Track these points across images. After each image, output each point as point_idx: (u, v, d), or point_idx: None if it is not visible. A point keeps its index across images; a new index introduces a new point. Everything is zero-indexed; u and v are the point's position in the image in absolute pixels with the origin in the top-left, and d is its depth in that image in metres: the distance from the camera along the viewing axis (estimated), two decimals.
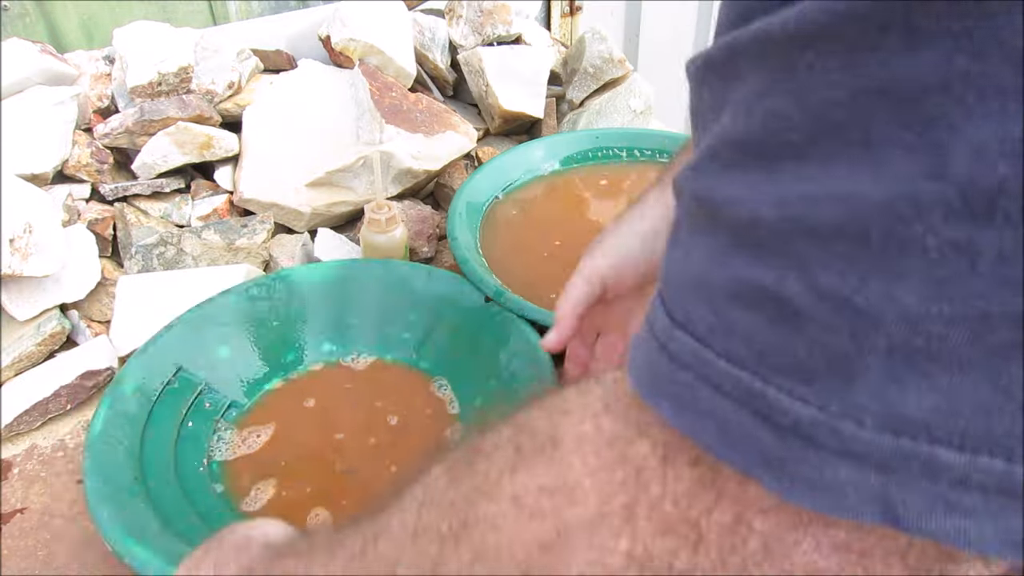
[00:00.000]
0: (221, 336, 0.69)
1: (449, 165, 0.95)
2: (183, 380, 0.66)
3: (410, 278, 0.75)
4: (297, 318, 0.73)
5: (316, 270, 0.76)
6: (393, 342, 0.73)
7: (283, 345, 0.72)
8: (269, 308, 0.72)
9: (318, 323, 0.73)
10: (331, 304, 0.74)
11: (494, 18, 1.08)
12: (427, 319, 0.73)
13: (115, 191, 0.86)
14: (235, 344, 0.70)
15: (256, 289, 0.72)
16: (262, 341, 0.71)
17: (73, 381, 0.71)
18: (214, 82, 0.91)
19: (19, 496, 0.65)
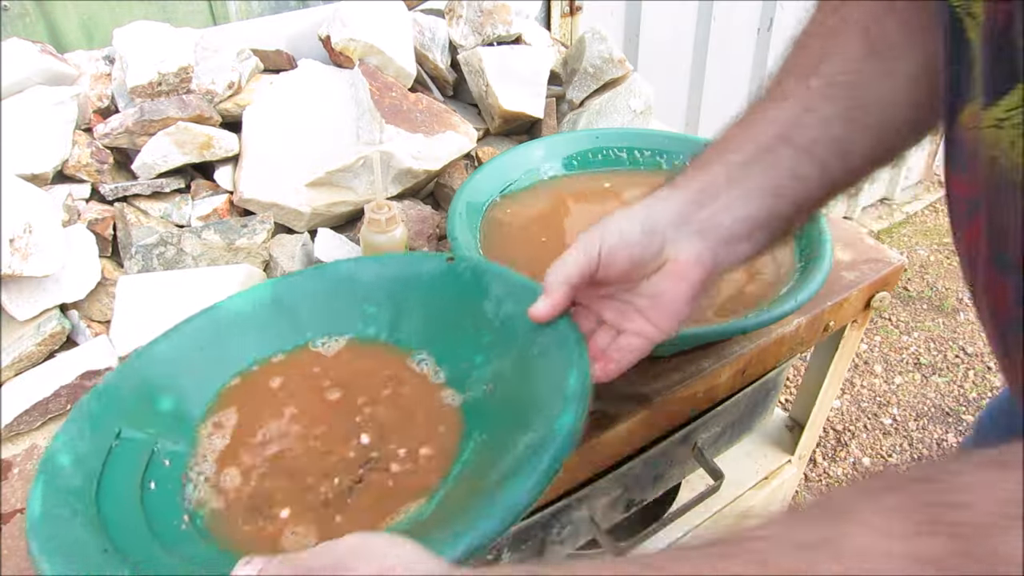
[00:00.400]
0: (160, 387, 0.62)
1: (449, 165, 0.95)
2: (128, 443, 0.58)
3: (355, 272, 0.70)
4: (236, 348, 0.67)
5: (248, 296, 0.69)
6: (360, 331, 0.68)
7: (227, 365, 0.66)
8: (205, 344, 0.66)
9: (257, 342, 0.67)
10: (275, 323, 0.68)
11: (494, 18, 1.08)
12: (390, 303, 0.68)
13: (115, 191, 0.86)
14: (178, 391, 0.63)
15: (187, 328, 0.66)
16: (206, 377, 0.64)
17: (73, 381, 0.71)
18: (214, 82, 0.91)
19: (19, 496, 0.65)
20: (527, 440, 0.49)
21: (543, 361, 0.55)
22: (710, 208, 0.52)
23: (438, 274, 0.67)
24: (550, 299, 0.54)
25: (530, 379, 0.55)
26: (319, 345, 0.68)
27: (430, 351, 0.66)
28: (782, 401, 1.95)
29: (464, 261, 0.66)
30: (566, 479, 0.72)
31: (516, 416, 0.53)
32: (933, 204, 2.88)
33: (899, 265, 0.94)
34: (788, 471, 1.19)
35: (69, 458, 0.55)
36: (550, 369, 0.54)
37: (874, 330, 2.28)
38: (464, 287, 0.65)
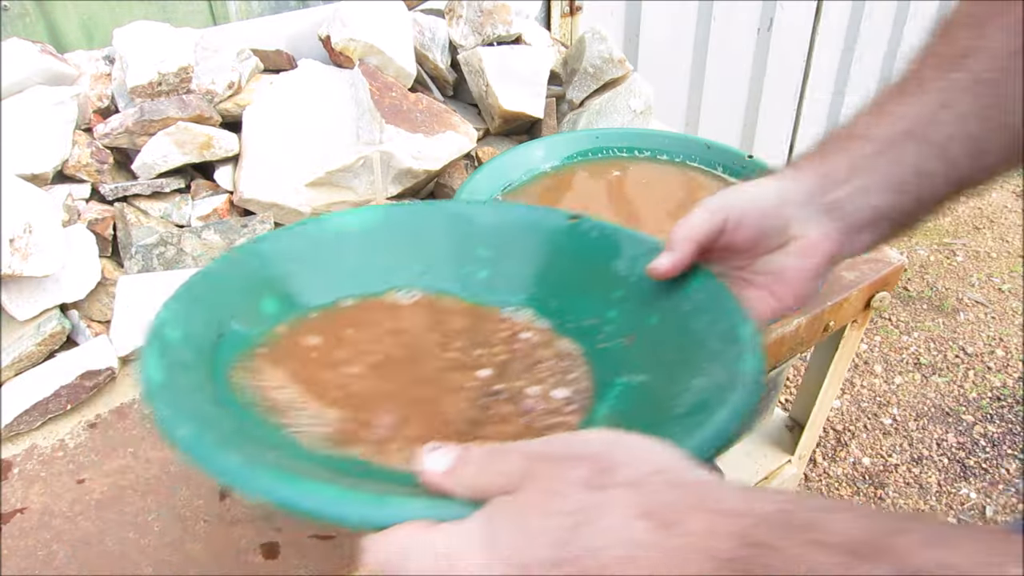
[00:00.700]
0: (266, 288, 0.61)
1: (449, 165, 0.96)
2: (234, 334, 0.56)
3: (472, 214, 0.68)
4: (342, 262, 0.65)
5: (360, 217, 0.67)
6: (457, 280, 0.66)
7: (327, 288, 0.63)
8: (306, 254, 0.64)
9: (365, 266, 0.65)
10: (377, 248, 0.66)
11: (494, 18, 1.08)
12: (503, 250, 0.66)
13: (115, 191, 0.87)
14: (280, 295, 0.61)
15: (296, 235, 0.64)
16: (303, 288, 0.62)
17: (73, 381, 0.71)
18: (214, 82, 0.91)
19: (19, 496, 0.65)
20: (701, 383, 0.48)
21: (701, 316, 0.53)
22: (834, 194, 0.51)
23: (559, 231, 0.65)
24: (675, 255, 0.53)
25: (687, 332, 0.54)
26: (423, 282, 0.66)
27: (543, 304, 0.65)
28: (782, 401, 1.95)
29: (589, 221, 0.65)
30: None
31: (675, 365, 0.52)
32: None
33: (899, 265, 0.94)
34: (788, 471, 1.19)
35: (178, 333, 0.51)
36: (711, 322, 0.52)
37: (874, 330, 2.28)
38: (589, 245, 0.64)
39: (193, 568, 0.60)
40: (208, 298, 0.55)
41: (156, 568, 0.59)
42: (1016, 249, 2.65)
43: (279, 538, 0.62)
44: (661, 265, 0.53)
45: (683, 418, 0.46)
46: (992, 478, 1.85)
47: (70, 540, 0.61)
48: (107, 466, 0.68)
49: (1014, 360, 2.18)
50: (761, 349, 0.48)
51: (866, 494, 1.81)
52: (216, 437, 0.41)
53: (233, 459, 0.39)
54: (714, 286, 0.54)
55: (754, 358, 0.47)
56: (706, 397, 0.46)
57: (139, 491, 0.65)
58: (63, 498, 0.65)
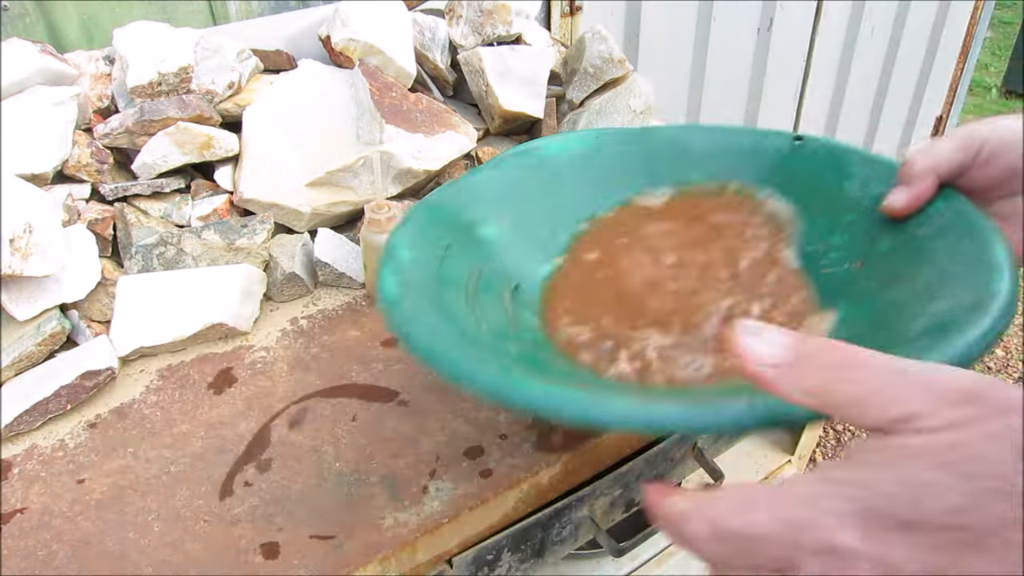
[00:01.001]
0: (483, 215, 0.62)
1: (449, 165, 0.96)
2: (455, 258, 0.58)
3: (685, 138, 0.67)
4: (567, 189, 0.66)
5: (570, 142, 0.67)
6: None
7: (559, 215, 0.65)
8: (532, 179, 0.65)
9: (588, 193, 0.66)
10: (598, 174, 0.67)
11: (494, 18, 1.08)
12: (721, 174, 0.66)
13: (115, 191, 0.87)
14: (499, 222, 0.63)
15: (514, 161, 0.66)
16: (534, 216, 0.64)
17: (73, 381, 0.71)
18: (214, 82, 0.91)
19: (19, 496, 0.65)
20: (940, 307, 0.45)
21: (943, 239, 0.50)
22: None
23: (783, 153, 0.64)
24: (914, 189, 0.49)
25: (924, 256, 0.51)
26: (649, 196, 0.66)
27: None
28: None
29: (816, 140, 0.63)
30: (566, 479, 0.72)
31: (909, 291, 0.50)
32: None
33: None
34: (788, 471, 1.19)
35: (409, 255, 0.55)
36: (954, 245, 0.49)
37: None
38: (816, 167, 0.62)
39: (193, 568, 0.60)
40: (432, 224, 0.59)
41: (156, 568, 0.59)
42: None
43: (279, 538, 0.62)
44: (897, 201, 0.50)
45: (917, 340, 0.43)
46: None
47: (70, 540, 0.61)
48: (107, 466, 0.68)
49: (1014, 360, 2.18)
50: (1016, 271, 0.45)
51: None
52: (447, 339, 0.46)
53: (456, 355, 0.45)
54: (962, 207, 0.50)
55: (1010, 277, 0.44)
56: (948, 320, 0.43)
57: (139, 491, 0.65)
58: (63, 498, 0.65)
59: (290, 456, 0.69)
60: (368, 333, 0.82)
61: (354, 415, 0.73)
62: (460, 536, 0.66)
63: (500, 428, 0.71)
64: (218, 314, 0.78)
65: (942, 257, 0.49)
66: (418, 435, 0.71)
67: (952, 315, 0.43)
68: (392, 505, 0.64)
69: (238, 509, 0.64)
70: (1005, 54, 4.22)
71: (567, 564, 1.03)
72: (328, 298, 0.87)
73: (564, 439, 0.70)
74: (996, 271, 0.44)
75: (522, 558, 0.79)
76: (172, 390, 0.75)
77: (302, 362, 0.78)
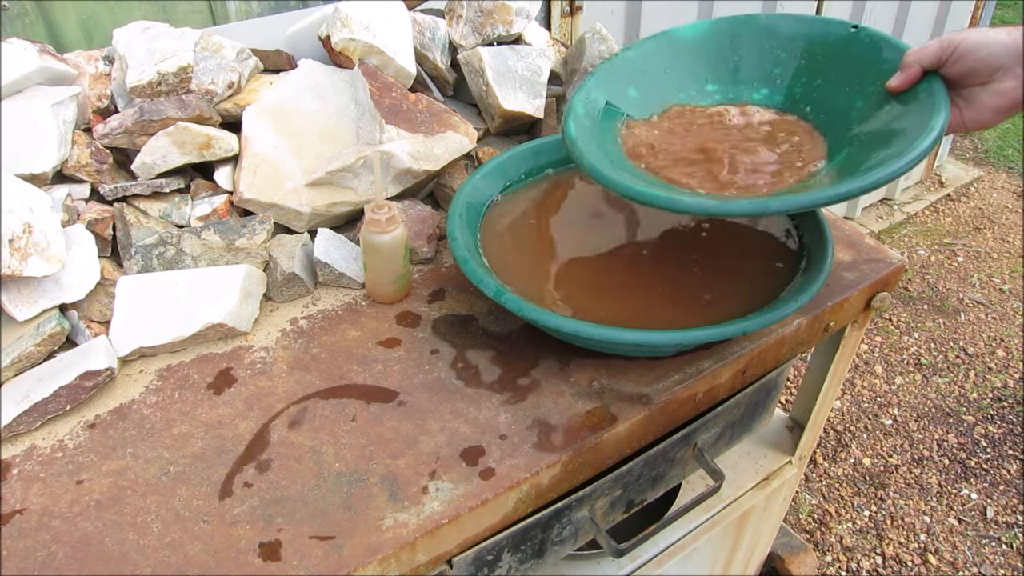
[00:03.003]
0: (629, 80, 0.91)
1: (449, 165, 0.95)
2: (610, 110, 0.88)
3: (775, 25, 0.91)
4: (683, 66, 0.93)
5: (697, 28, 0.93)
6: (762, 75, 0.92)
7: (675, 87, 0.92)
8: (658, 58, 0.92)
9: (701, 68, 0.93)
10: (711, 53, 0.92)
11: (494, 18, 1.08)
12: (798, 54, 0.89)
13: (115, 191, 0.86)
14: (640, 86, 0.91)
15: (651, 44, 0.93)
16: (658, 84, 0.92)
17: (72, 381, 0.71)
18: (214, 82, 0.91)
19: (19, 496, 0.65)
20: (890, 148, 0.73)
21: (913, 107, 0.75)
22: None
23: (842, 38, 0.86)
24: (905, 74, 0.75)
25: (900, 118, 0.75)
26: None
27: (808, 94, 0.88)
28: (782, 401, 1.94)
29: (865, 30, 0.84)
30: (566, 479, 0.72)
31: (883, 138, 0.75)
32: (934, 204, 2.88)
33: (899, 265, 0.94)
34: (788, 472, 1.18)
35: (582, 108, 0.86)
36: (916, 113, 0.74)
37: (875, 330, 2.28)
38: (862, 48, 0.84)
39: (193, 569, 0.59)
40: (600, 85, 0.89)
41: (156, 568, 0.59)
42: (1017, 249, 2.64)
43: (279, 538, 0.62)
44: (893, 82, 0.77)
45: (875, 163, 0.71)
46: (993, 479, 1.84)
47: (69, 541, 0.61)
48: (106, 466, 0.67)
49: (1015, 360, 2.17)
50: (934, 142, 0.70)
51: (867, 494, 1.81)
52: (607, 166, 0.77)
53: (621, 177, 0.75)
54: (934, 88, 0.74)
55: (935, 138, 0.69)
56: (892, 154, 0.71)
57: (139, 492, 0.65)
58: (62, 499, 0.65)
59: (290, 456, 0.69)
60: (368, 333, 0.82)
61: (354, 415, 0.73)
62: (460, 537, 0.66)
63: (500, 428, 0.71)
64: (218, 314, 0.78)
65: (909, 119, 0.74)
66: (418, 435, 0.71)
67: (896, 151, 0.71)
68: (392, 505, 0.64)
69: (238, 509, 0.64)
70: None
71: (567, 564, 1.03)
72: (328, 298, 0.87)
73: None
74: (928, 132, 0.70)
75: (522, 558, 0.79)
76: (172, 390, 0.75)
77: (302, 362, 0.78)
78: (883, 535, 1.72)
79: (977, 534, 1.73)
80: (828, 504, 1.79)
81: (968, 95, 0.73)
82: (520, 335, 0.82)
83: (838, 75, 0.86)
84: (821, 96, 0.87)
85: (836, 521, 1.75)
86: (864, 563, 1.67)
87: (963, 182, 3.02)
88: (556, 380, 0.76)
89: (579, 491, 0.78)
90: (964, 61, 0.71)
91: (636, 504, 0.91)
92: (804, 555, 1.57)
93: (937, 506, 1.79)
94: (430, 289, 0.89)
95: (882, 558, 1.68)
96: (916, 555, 1.68)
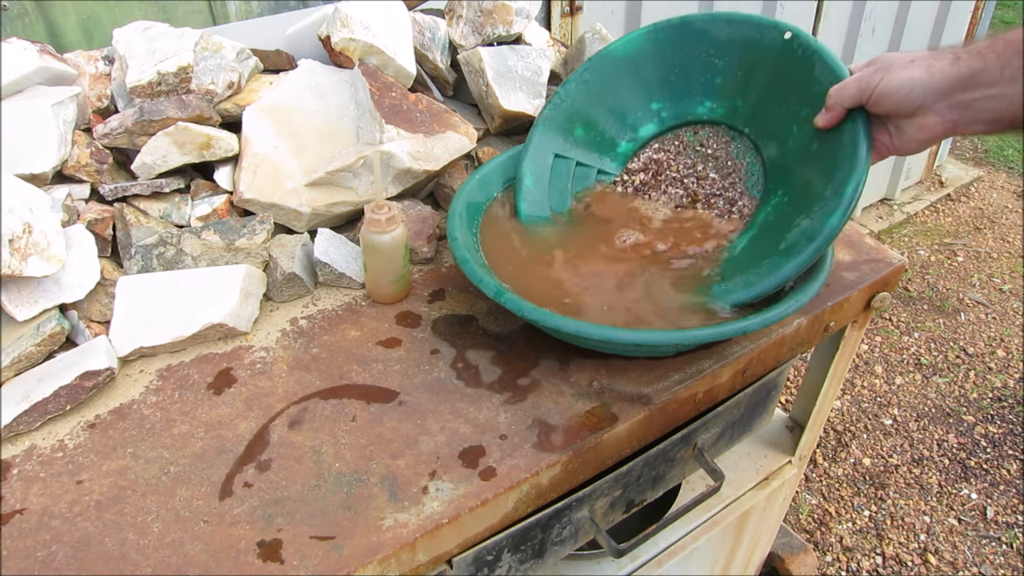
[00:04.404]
0: (574, 119, 0.91)
1: (449, 165, 0.95)
2: (559, 161, 0.90)
3: (710, 29, 0.87)
4: (625, 87, 0.91)
5: (628, 43, 0.90)
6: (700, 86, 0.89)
7: (620, 112, 0.92)
8: (599, 85, 0.90)
9: (643, 85, 0.91)
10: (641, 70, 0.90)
11: (494, 18, 1.08)
12: (735, 63, 0.86)
13: (114, 191, 0.86)
14: (586, 122, 0.91)
15: (588, 70, 0.91)
16: (603, 114, 0.91)
17: (72, 382, 0.71)
18: (214, 82, 0.91)
19: (18, 496, 0.65)
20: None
21: (839, 143, 0.74)
22: (974, 94, 0.65)
23: (777, 46, 0.82)
24: (829, 115, 0.75)
25: (830, 153, 0.75)
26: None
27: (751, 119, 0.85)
28: (782, 402, 1.94)
29: (799, 38, 0.80)
30: (566, 479, 0.72)
31: (820, 173, 0.75)
32: (934, 204, 2.88)
33: (899, 265, 0.94)
34: (788, 472, 1.18)
35: (531, 180, 0.89)
36: (843, 147, 0.74)
37: (875, 330, 2.28)
38: (795, 61, 0.80)
39: (193, 569, 0.59)
40: (544, 137, 0.90)
41: (156, 568, 0.59)
42: (1017, 249, 2.64)
43: (279, 538, 0.62)
44: (819, 120, 0.77)
45: (820, 202, 0.74)
46: (993, 479, 1.84)
47: (69, 541, 0.61)
48: (106, 466, 0.67)
49: (1015, 360, 2.17)
50: (853, 201, 0.71)
51: (867, 494, 1.81)
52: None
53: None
54: (856, 127, 0.73)
55: (863, 170, 0.71)
56: (834, 192, 0.72)
57: (139, 492, 0.65)
58: (62, 499, 0.65)
59: (290, 456, 0.69)
60: (368, 333, 0.82)
61: (354, 415, 0.73)
62: (460, 537, 0.66)
63: (500, 428, 0.71)
64: (218, 314, 0.78)
65: (831, 171, 0.75)
66: (418, 435, 0.71)
67: (835, 188, 0.73)
68: (392, 505, 0.64)
69: (238, 509, 0.64)
70: None
71: (567, 564, 1.03)
72: (328, 298, 0.87)
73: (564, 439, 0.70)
74: (856, 166, 0.72)
75: (522, 559, 0.79)
76: (172, 390, 0.75)
77: (302, 362, 0.78)
78: (883, 535, 1.72)
79: (977, 534, 1.73)
80: (828, 504, 1.79)
81: (896, 125, 0.73)
82: (520, 335, 0.82)
83: (775, 89, 0.83)
84: (761, 113, 0.84)
85: (836, 521, 1.75)
86: (864, 563, 1.67)
87: (963, 182, 3.02)
88: (556, 380, 0.76)
89: (579, 491, 0.78)
90: (883, 103, 0.70)
91: (636, 504, 0.91)
92: (804, 555, 1.57)
93: (937, 506, 1.79)
94: (430, 289, 0.89)
95: (882, 558, 1.68)
96: (916, 555, 1.68)
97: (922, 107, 0.68)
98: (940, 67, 0.67)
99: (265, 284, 0.86)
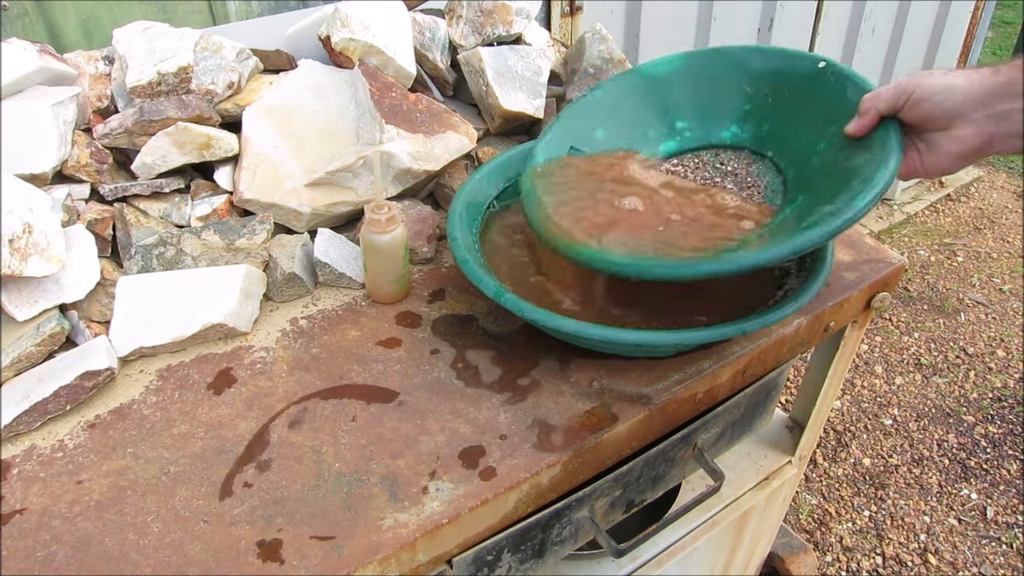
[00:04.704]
0: (596, 122, 0.92)
1: (449, 165, 0.95)
2: (575, 152, 0.90)
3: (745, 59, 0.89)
4: (651, 104, 0.93)
5: (664, 64, 0.93)
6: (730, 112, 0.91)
7: (643, 125, 0.92)
8: (626, 97, 0.92)
9: (670, 106, 0.92)
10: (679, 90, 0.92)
11: (494, 18, 1.08)
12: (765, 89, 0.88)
13: (114, 191, 0.86)
14: (608, 127, 0.92)
15: (619, 82, 0.93)
16: (626, 124, 0.92)
17: (72, 382, 0.71)
18: (214, 82, 0.91)
19: (18, 496, 0.65)
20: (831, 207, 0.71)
21: (868, 152, 0.73)
22: (1014, 104, 0.65)
23: (809, 74, 0.84)
24: (861, 120, 0.74)
25: (856, 160, 0.74)
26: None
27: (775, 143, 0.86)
28: (782, 401, 1.94)
29: (832, 67, 0.82)
30: (566, 479, 0.72)
31: (842, 180, 0.74)
32: (934, 204, 2.88)
33: (899, 265, 0.94)
34: (788, 472, 1.18)
35: (543, 156, 0.88)
36: (872, 157, 0.72)
37: (875, 330, 2.28)
38: (827, 86, 0.81)
39: (193, 569, 0.59)
40: (564, 129, 0.91)
41: (156, 568, 0.59)
42: (1017, 249, 2.64)
43: (279, 538, 0.62)
44: (851, 128, 0.75)
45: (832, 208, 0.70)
46: (993, 479, 1.84)
47: (69, 541, 0.61)
48: (106, 466, 0.68)
49: (1015, 361, 2.17)
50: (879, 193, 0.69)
51: (867, 494, 1.81)
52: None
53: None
54: (889, 135, 0.72)
55: (886, 181, 0.69)
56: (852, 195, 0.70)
57: (139, 492, 0.65)
58: (62, 499, 0.65)
59: (290, 456, 0.69)
60: (368, 333, 0.82)
61: (354, 415, 0.73)
62: (460, 537, 0.66)
63: (500, 428, 0.71)
64: (218, 314, 0.78)
65: (861, 170, 0.73)
66: (418, 435, 0.71)
67: (855, 190, 0.70)
68: (392, 505, 0.64)
69: (238, 509, 0.64)
70: (1006, 54, 4.22)
71: (567, 564, 1.03)
72: (328, 298, 0.87)
73: (565, 439, 0.70)
74: (887, 157, 0.70)
75: (522, 558, 0.79)
76: (172, 390, 0.75)
77: (302, 362, 0.78)
78: (883, 535, 1.72)
79: (977, 534, 1.73)
80: (828, 504, 1.79)
81: (929, 140, 0.71)
82: (520, 335, 0.82)
83: (804, 114, 0.83)
84: (786, 136, 0.85)
85: (836, 521, 1.75)
86: (864, 563, 1.67)
87: (963, 182, 3.02)
88: (556, 380, 0.77)
89: (579, 491, 0.78)
90: (920, 107, 0.69)
91: (636, 504, 0.91)
92: (804, 555, 1.57)
93: (937, 506, 1.79)
94: (430, 289, 0.89)
95: (882, 558, 1.68)
96: (916, 555, 1.68)
97: (959, 116, 0.67)
98: (980, 76, 0.66)
99: (265, 284, 0.86)
